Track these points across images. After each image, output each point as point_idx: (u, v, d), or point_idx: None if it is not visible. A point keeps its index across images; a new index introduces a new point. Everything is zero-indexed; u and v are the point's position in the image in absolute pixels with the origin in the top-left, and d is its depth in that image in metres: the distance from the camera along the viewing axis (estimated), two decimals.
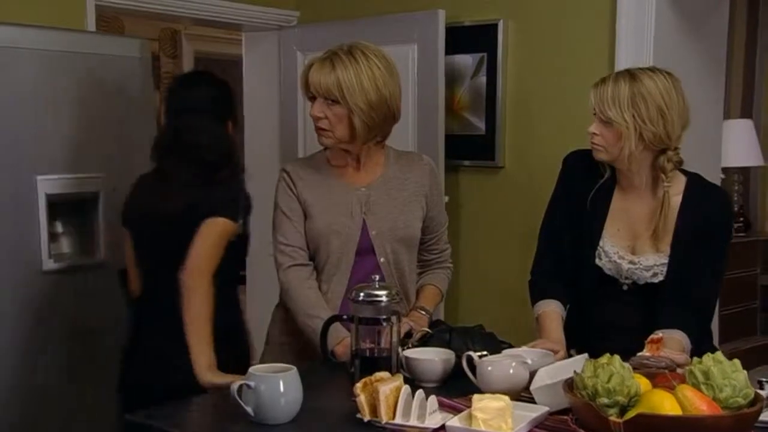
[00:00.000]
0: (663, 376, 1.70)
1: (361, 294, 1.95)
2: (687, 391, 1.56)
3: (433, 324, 2.35)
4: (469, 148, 3.67)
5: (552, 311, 2.34)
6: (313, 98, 2.33)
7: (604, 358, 1.64)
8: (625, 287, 2.31)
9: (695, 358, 1.66)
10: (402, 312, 2.17)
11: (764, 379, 1.98)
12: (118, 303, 2.73)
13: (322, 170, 2.43)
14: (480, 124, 3.67)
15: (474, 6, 3.66)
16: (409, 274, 2.45)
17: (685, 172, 2.31)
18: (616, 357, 1.64)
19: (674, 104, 2.18)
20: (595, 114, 2.26)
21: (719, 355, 1.64)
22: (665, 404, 1.53)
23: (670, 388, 1.61)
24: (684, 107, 2.21)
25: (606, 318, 2.33)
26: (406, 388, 1.76)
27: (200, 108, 2.54)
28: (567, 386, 1.68)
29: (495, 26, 3.58)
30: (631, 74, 2.22)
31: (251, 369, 1.80)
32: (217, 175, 2.43)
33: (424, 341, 2.15)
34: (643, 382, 1.65)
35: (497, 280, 3.59)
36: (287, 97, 4.24)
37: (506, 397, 1.73)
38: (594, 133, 2.26)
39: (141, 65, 3.13)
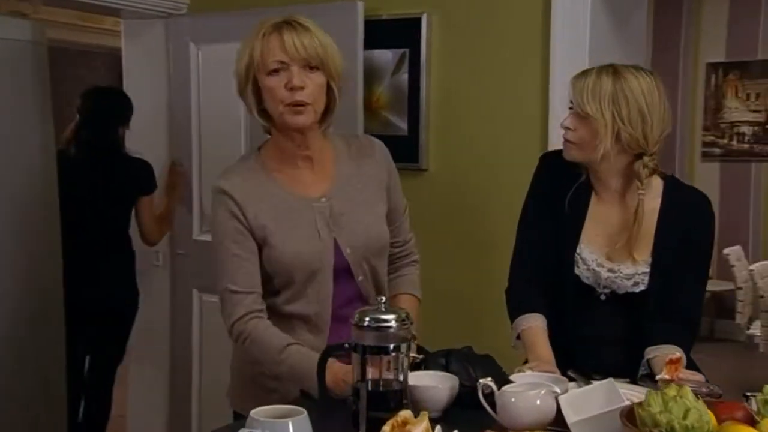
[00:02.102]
0: (723, 406, 1.54)
1: (366, 319, 1.68)
2: None
3: None
4: (390, 150, 3.39)
5: (537, 327, 2.16)
6: (276, 70, 1.97)
7: (673, 390, 1.47)
8: (603, 297, 2.17)
9: (767, 387, 1.52)
10: None
11: (750, 393, 1.88)
12: None
13: (265, 182, 2.06)
14: (402, 124, 3.45)
15: None
16: (385, 283, 2.20)
17: (661, 175, 2.20)
18: (687, 388, 1.47)
19: (656, 107, 2.07)
20: (571, 108, 2.12)
21: None
22: None
23: (743, 422, 1.46)
24: (665, 111, 2.09)
25: (587, 330, 2.18)
26: (438, 429, 1.52)
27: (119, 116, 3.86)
28: (626, 420, 1.49)
29: (418, 20, 3.36)
30: (614, 69, 2.09)
31: (253, 413, 1.51)
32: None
33: (417, 366, 1.91)
34: None
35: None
36: (178, 92, 3.87)
37: None
38: (568, 128, 2.11)
39: (34, 51, 2.72)
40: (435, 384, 1.82)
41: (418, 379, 1.82)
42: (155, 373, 4.10)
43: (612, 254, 2.15)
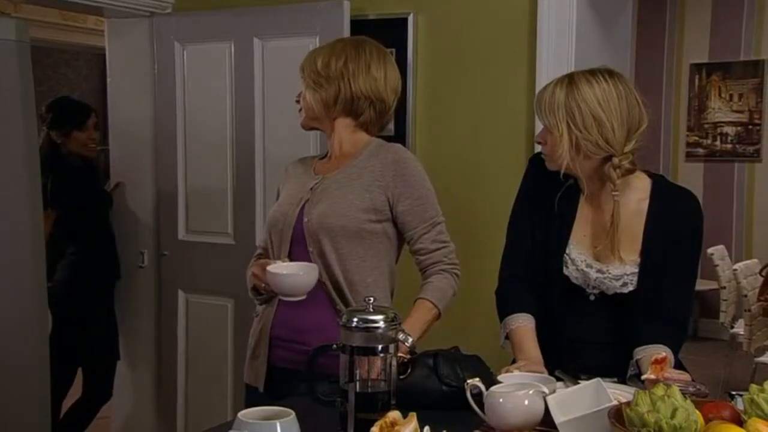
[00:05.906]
0: (710, 405, 1.54)
1: (354, 319, 1.67)
2: (760, 425, 1.41)
3: None
4: None
5: (526, 327, 2.16)
6: None
7: (661, 389, 1.47)
8: (592, 297, 2.17)
9: (754, 386, 1.52)
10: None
11: (734, 392, 1.88)
12: None
13: (308, 165, 2.42)
14: (388, 125, 3.44)
15: None
16: (364, 269, 2.26)
17: (650, 174, 2.20)
18: (675, 388, 1.47)
19: (613, 110, 2.05)
20: None
21: None
22: None
23: (730, 421, 1.46)
24: (629, 110, 2.07)
25: (575, 331, 2.18)
26: (426, 430, 1.52)
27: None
28: (614, 420, 1.49)
29: (404, 20, 3.37)
30: (570, 79, 2.10)
31: (240, 415, 1.50)
32: None
33: (405, 368, 1.90)
34: None
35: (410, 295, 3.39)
36: (163, 92, 3.85)
37: None
38: (539, 142, 2.15)
39: (18, 50, 2.69)
40: (295, 271, 2.10)
41: (277, 268, 2.11)
42: (141, 374, 4.08)
43: (602, 255, 2.15)
